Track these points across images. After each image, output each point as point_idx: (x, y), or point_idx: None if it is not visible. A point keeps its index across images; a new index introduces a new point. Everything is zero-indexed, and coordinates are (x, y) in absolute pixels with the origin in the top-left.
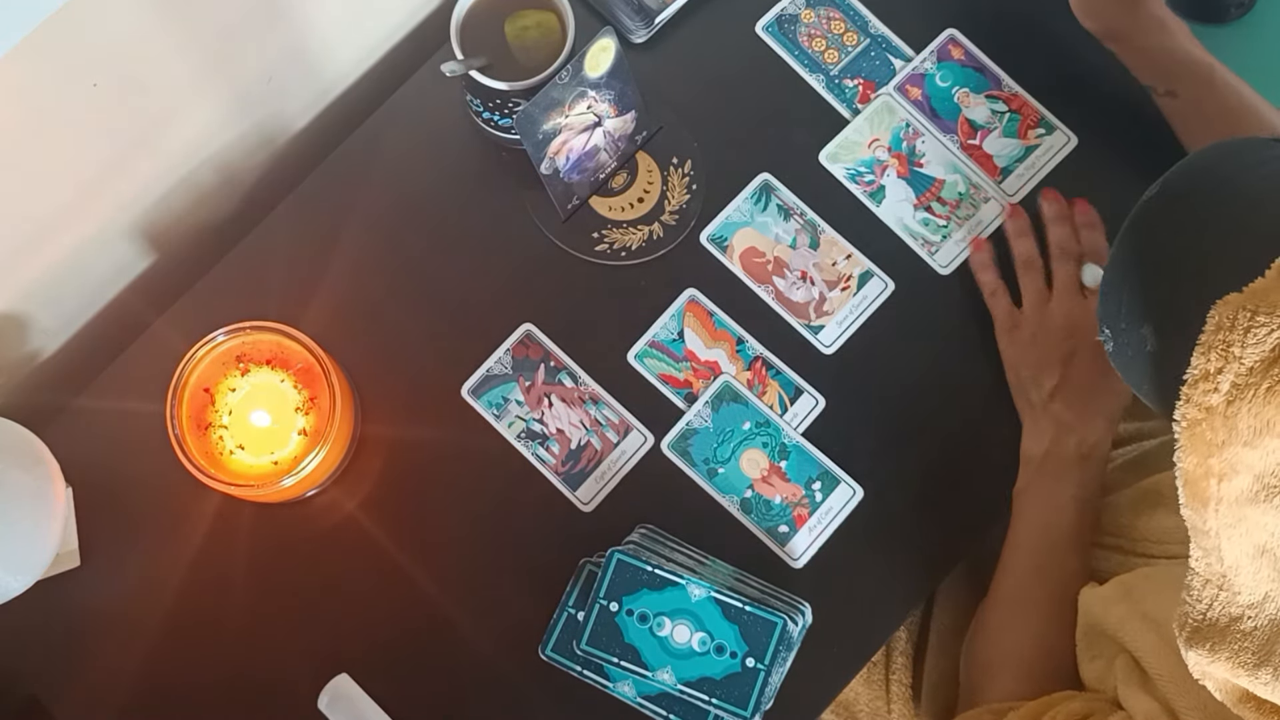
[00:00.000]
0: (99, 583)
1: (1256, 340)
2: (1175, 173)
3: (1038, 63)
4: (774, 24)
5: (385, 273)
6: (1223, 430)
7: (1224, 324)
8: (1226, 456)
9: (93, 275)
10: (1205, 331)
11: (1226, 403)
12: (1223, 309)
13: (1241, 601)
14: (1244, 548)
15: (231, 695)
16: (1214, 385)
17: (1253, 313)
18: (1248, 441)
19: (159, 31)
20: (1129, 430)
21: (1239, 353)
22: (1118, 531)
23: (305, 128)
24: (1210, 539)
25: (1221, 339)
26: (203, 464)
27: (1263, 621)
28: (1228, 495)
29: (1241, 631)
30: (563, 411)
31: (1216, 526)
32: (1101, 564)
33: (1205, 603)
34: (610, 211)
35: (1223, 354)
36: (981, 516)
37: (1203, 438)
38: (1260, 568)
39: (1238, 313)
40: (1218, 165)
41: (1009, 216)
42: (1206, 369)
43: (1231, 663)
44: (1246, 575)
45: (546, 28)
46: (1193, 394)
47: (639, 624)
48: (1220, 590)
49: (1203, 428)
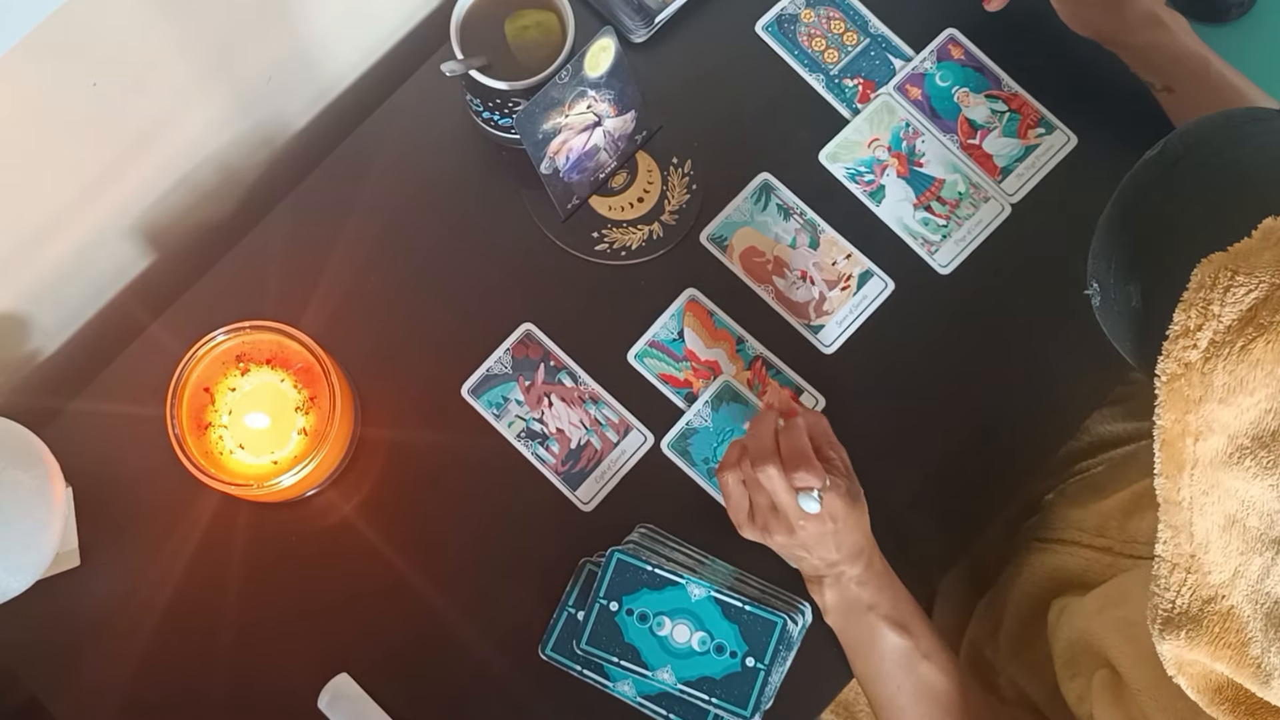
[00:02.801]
0: (99, 583)
1: (1235, 299)
2: (1175, 137)
3: (1038, 63)
4: (774, 24)
5: (385, 272)
6: (1199, 386)
7: (1205, 282)
8: (1203, 413)
9: (93, 275)
10: (1188, 289)
11: (1204, 359)
12: (1206, 268)
13: (1213, 581)
14: (1215, 519)
15: (231, 695)
16: (1193, 341)
17: (1234, 272)
18: (1222, 399)
19: (159, 31)
20: (1123, 431)
21: (1218, 310)
22: (1108, 534)
23: (305, 128)
24: (1182, 512)
25: (1202, 297)
26: (202, 463)
27: (1238, 599)
28: (1203, 456)
29: (1219, 613)
30: (563, 411)
31: (1190, 495)
32: (1091, 566)
33: (1174, 589)
34: (610, 211)
35: (1202, 311)
36: (981, 516)
37: (1181, 393)
38: (1229, 540)
39: (1219, 271)
40: (1217, 132)
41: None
42: (1187, 325)
43: (1213, 647)
44: (1216, 551)
45: (546, 27)
46: (1173, 349)
47: (639, 623)
48: (1189, 573)
49: (1181, 383)
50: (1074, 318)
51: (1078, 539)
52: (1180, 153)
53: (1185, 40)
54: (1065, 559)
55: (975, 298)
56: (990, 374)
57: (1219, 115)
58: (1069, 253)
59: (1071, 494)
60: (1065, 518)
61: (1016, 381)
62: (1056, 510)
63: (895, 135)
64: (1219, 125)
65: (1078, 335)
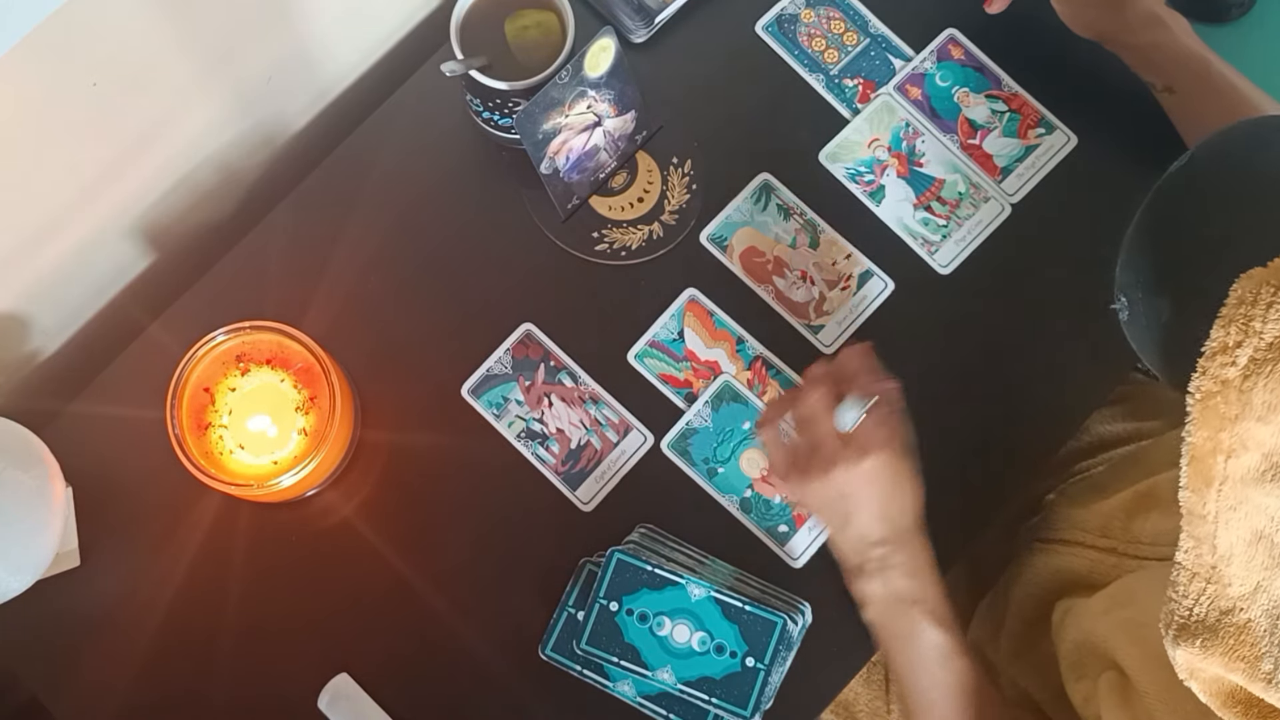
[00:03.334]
0: (99, 583)
1: (1278, 316)
2: (1204, 146)
3: (1038, 63)
4: (774, 24)
5: (385, 272)
6: (1237, 404)
7: (1246, 298)
8: (1238, 431)
9: (93, 275)
10: (1227, 305)
11: (1243, 377)
12: (1246, 283)
13: (1232, 594)
14: (1241, 533)
15: (231, 695)
16: (1232, 359)
17: (1276, 288)
18: (1261, 417)
19: (159, 31)
20: (1123, 430)
21: (1259, 327)
22: (1112, 534)
23: (305, 128)
24: (1206, 525)
25: (1243, 313)
26: (202, 464)
27: (1256, 613)
28: (1234, 473)
29: (1235, 625)
30: (563, 411)
31: (1216, 509)
32: (1095, 567)
33: (1192, 598)
34: (610, 211)
35: (1243, 328)
36: (981, 516)
37: (1216, 411)
38: (1254, 555)
39: (1261, 287)
40: (1246, 141)
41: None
42: (1225, 341)
43: (1227, 658)
44: (1239, 564)
45: (546, 27)
46: (1209, 366)
47: (639, 623)
48: (1209, 584)
49: (1216, 400)
50: (1074, 318)
51: (1081, 539)
52: (1210, 162)
53: (1186, 41)
54: (1068, 559)
55: (975, 298)
56: (990, 374)
57: (1246, 123)
58: (1069, 253)
59: (1073, 494)
60: (1067, 518)
61: (1016, 381)
62: (1058, 510)
63: (895, 135)
64: (1248, 134)
65: (1078, 335)
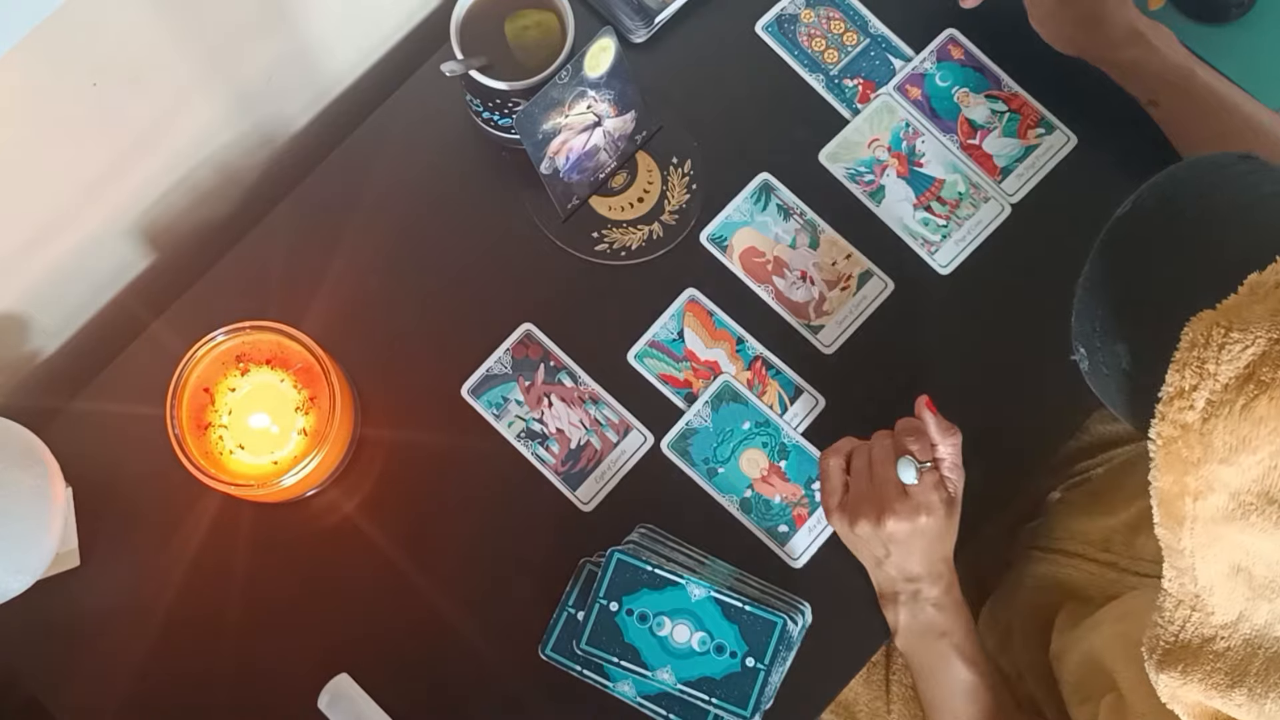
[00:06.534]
0: (99, 582)
1: (1231, 357)
2: (1146, 190)
3: (1038, 63)
4: (774, 24)
5: (385, 272)
6: (1199, 447)
7: (1198, 340)
8: (1203, 474)
9: (93, 275)
10: (1179, 349)
11: (1202, 420)
12: (1196, 326)
13: (1215, 622)
14: (1219, 567)
15: (232, 695)
16: (1189, 402)
17: (1226, 329)
18: (1224, 459)
19: (159, 32)
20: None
21: (1214, 369)
22: (1113, 549)
23: (305, 128)
24: (1185, 558)
25: (1196, 355)
26: (202, 464)
27: (1236, 642)
28: (1203, 514)
29: (1214, 652)
30: (563, 411)
31: (1191, 546)
32: (1095, 581)
33: (1178, 624)
34: (610, 211)
35: (1197, 370)
36: (980, 516)
37: (1178, 455)
38: (1235, 587)
39: (1211, 329)
40: (1189, 183)
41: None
42: (1181, 386)
43: (1204, 684)
44: (1221, 595)
45: (546, 28)
46: (1168, 411)
47: (639, 623)
48: (1193, 611)
49: (1178, 445)
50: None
51: (1082, 551)
52: (1152, 206)
53: (1167, 54)
54: (1069, 571)
55: (975, 298)
56: (990, 374)
57: (1185, 165)
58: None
59: (1073, 500)
60: (1068, 528)
61: (1016, 382)
62: (1059, 519)
63: (895, 135)
64: (1186, 177)
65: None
